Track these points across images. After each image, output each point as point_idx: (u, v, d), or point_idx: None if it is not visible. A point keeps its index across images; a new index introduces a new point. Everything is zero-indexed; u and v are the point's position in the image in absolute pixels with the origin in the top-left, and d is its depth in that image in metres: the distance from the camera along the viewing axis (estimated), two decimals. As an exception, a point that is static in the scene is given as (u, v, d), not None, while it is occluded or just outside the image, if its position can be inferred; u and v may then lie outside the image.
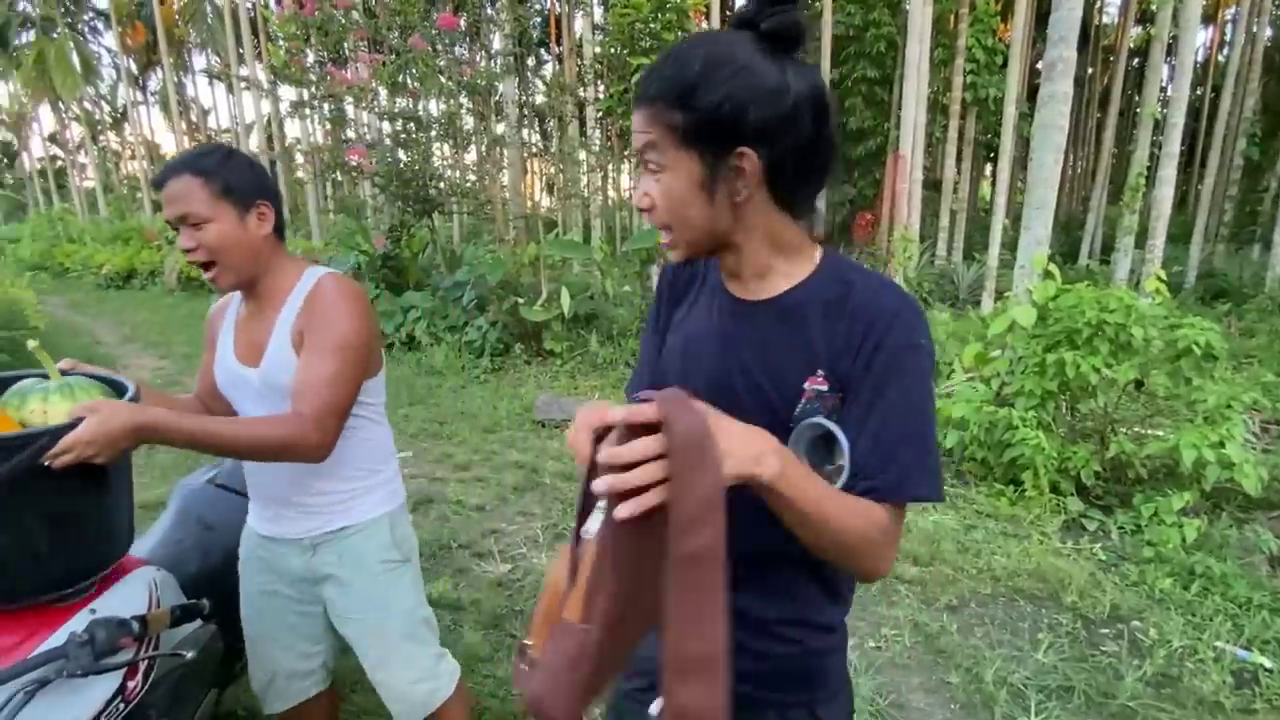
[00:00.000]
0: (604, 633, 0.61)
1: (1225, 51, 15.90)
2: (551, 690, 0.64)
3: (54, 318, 8.24)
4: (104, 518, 1.16)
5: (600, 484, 0.57)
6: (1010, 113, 8.87)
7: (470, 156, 7.82)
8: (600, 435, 0.62)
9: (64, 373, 1.16)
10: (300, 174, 14.79)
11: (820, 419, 0.75)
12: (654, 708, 0.65)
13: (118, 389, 1.19)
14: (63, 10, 20.49)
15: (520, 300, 6.49)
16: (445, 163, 7.41)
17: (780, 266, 0.80)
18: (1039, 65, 18.72)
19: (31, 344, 1.21)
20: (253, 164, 1.25)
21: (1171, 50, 12.30)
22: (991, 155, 19.54)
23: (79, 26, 22.04)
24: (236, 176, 1.21)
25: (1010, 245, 11.32)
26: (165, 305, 11.31)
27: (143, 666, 1.19)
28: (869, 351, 0.73)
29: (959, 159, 12.17)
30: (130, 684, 1.17)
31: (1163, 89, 7.23)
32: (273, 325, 1.25)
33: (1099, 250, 13.74)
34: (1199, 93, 17.05)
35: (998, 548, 3.02)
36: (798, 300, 0.79)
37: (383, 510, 1.39)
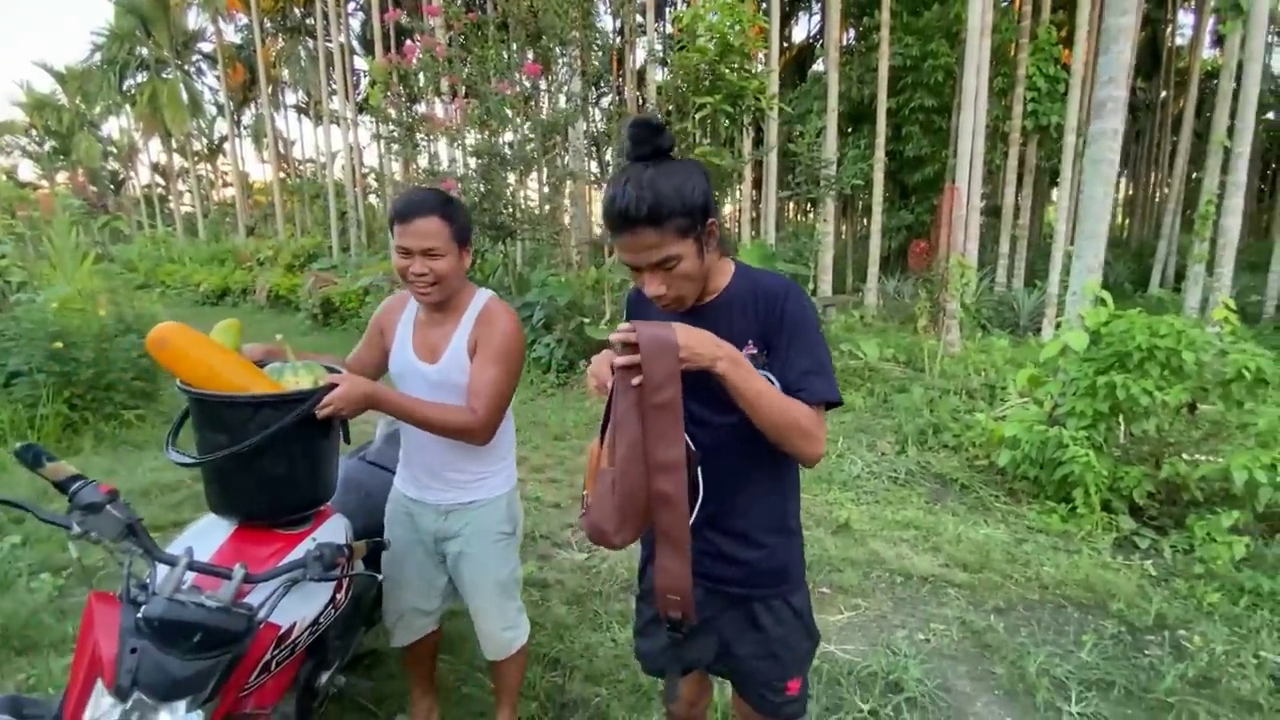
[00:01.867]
0: (622, 469, 1.02)
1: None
2: (599, 515, 1.05)
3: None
4: (329, 461, 1.57)
5: (620, 359, 0.98)
6: (1070, 141, 8.87)
7: (537, 185, 8.38)
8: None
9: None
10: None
11: (760, 370, 1.16)
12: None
13: (331, 370, 1.60)
14: (174, 53, 22.67)
15: (585, 320, 6.90)
16: (517, 192, 7.98)
17: (715, 280, 1.19)
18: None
19: (278, 337, 1.63)
20: (466, 212, 1.63)
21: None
22: (1056, 182, 19.17)
23: (187, 68, 24.30)
24: (463, 222, 1.58)
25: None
26: (257, 320, 12.31)
27: (345, 584, 1.57)
28: (778, 318, 1.13)
29: (1019, 186, 12.09)
30: (338, 595, 1.55)
31: (1233, 116, 7.12)
32: (451, 333, 1.62)
33: (1172, 278, 13.30)
34: (1270, 116, 16.31)
35: (1047, 559, 3.16)
36: (727, 298, 1.19)
37: (504, 490, 1.74)
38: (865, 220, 20.49)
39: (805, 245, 7.73)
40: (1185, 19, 20.26)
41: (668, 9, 18.86)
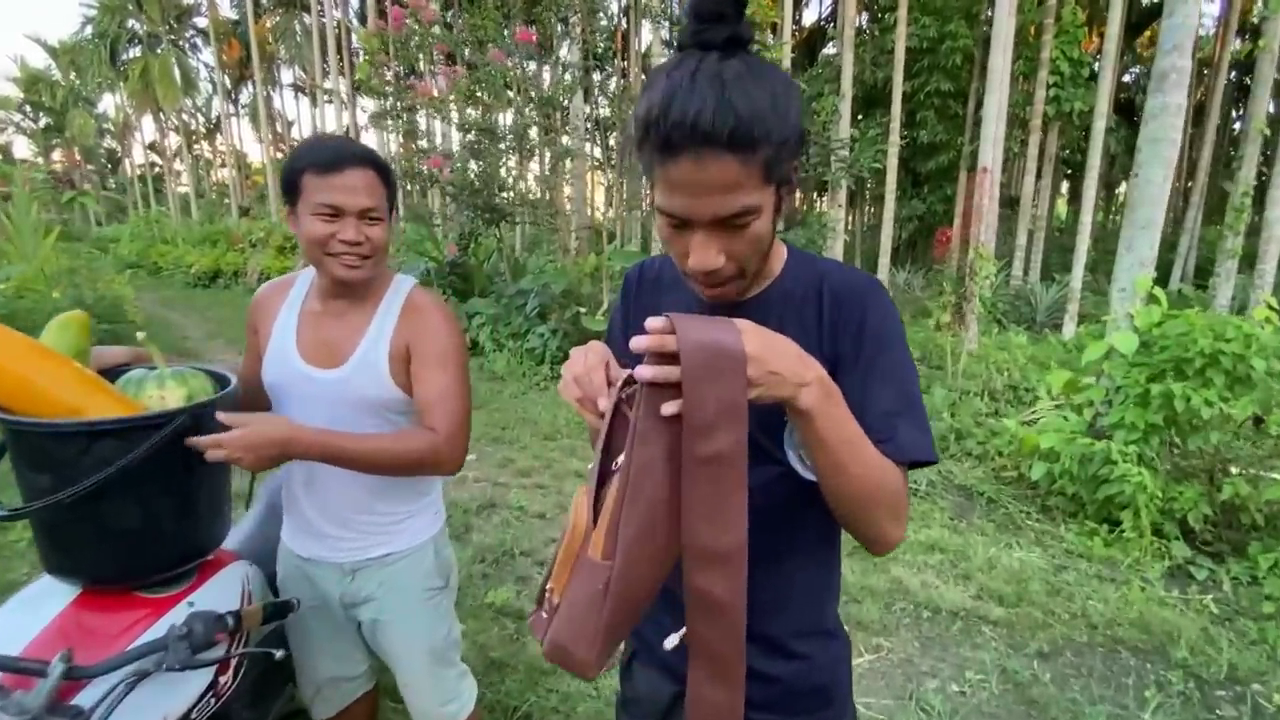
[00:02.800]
0: (628, 568, 0.59)
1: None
2: (574, 634, 0.62)
3: (147, 313, 8.78)
4: (213, 501, 1.19)
5: (648, 372, 0.56)
6: (1099, 127, 8.41)
7: (537, 168, 7.96)
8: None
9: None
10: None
11: None
12: (670, 640, 0.66)
13: (220, 381, 1.22)
14: (167, 28, 22.11)
15: (582, 309, 6.51)
16: (513, 173, 7.56)
17: (764, 266, 0.78)
18: (1125, 79, 17.79)
19: (140, 336, 1.25)
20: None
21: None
22: (1070, 172, 18.65)
23: (181, 43, 23.73)
24: (393, 182, 1.22)
25: (1092, 267, 10.72)
26: (246, 303, 11.93)
27: (234, 663, 1.20)
28: (855, 329, 0.75)
29: (1038, 175, 11.63)
30: (222, 679, 1.18)
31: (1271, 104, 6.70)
32: (360, 330, 1.22)
33: (1192, 274, 12.86)
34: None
35: (1093, 592, 2.79)
36: (780, 293, 0.80)
37: (427, 535, 1.34)
38: (874, 209, 20.00)
39: (816, 233, 7.32)
40: (1207, 8, 19.65)
41: (675, -12, 18.29)
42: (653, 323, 0.57)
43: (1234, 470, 3.16)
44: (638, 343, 0.57)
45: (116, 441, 1.00)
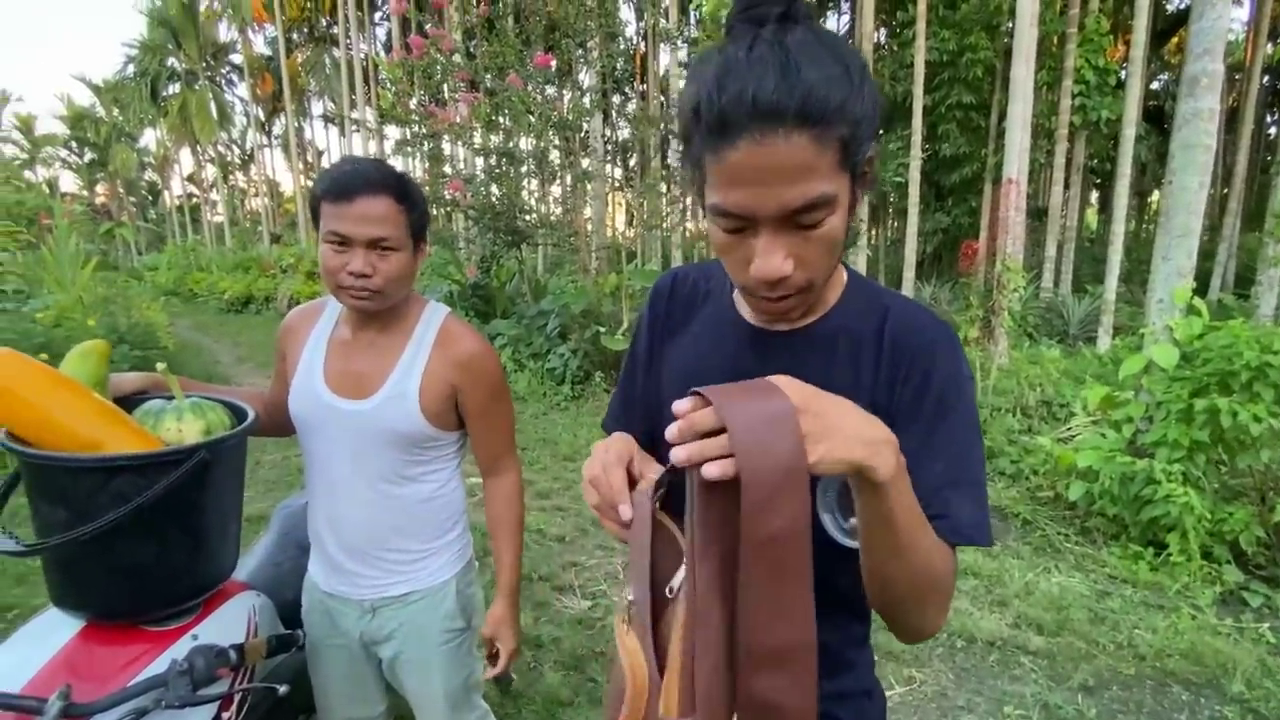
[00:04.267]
0: (709, 706, 0.48)
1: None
2: None
3: (181, 338, 9.02)
4: (224, 533, 1.18)
5: (711, 468, 0.45)
6: (1129, 135, 8.22)
7: (557, 190, 8.04)
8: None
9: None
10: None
11: None
12: None
13: (237, 413, 1.20)
14: (204, 65, 23.04)
15: (602, 329, 6.51)
16: (534, 196, 7.64)
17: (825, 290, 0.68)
18: (1153, 86, 17.46)
19: (159, 366, 1.24)
20: (424, 197, 1.21)
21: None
22: (1099, 181, 18.26)
23: (217, 79, 24.70)
24: (422, 207, 1.17)
25: (1124, 278, 10.42)
26: (276, 328, 12.22)
27: (237, 699, 1.17)
28: (916, 384, 0.65)
29: (1066, 185, 11.39)
30: (224, 716, 1.15)
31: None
32: (392, 360, 1.19)
33: (1232, 283, 12.43)
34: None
35: (1139, 620, 2.64)
36: (832, 327, 0.69)
37: (450, 573, 1.30)
38: (897, 223, 19.79)
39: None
40: (1237, 12, 19.28)
41: (691, 10, 18.52)
42: (679, 406, 0.48)
43: (1287, 489, 2.99)
44: (670, 433, 0.48)
45: (134, 477, 0.99)
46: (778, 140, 0.51)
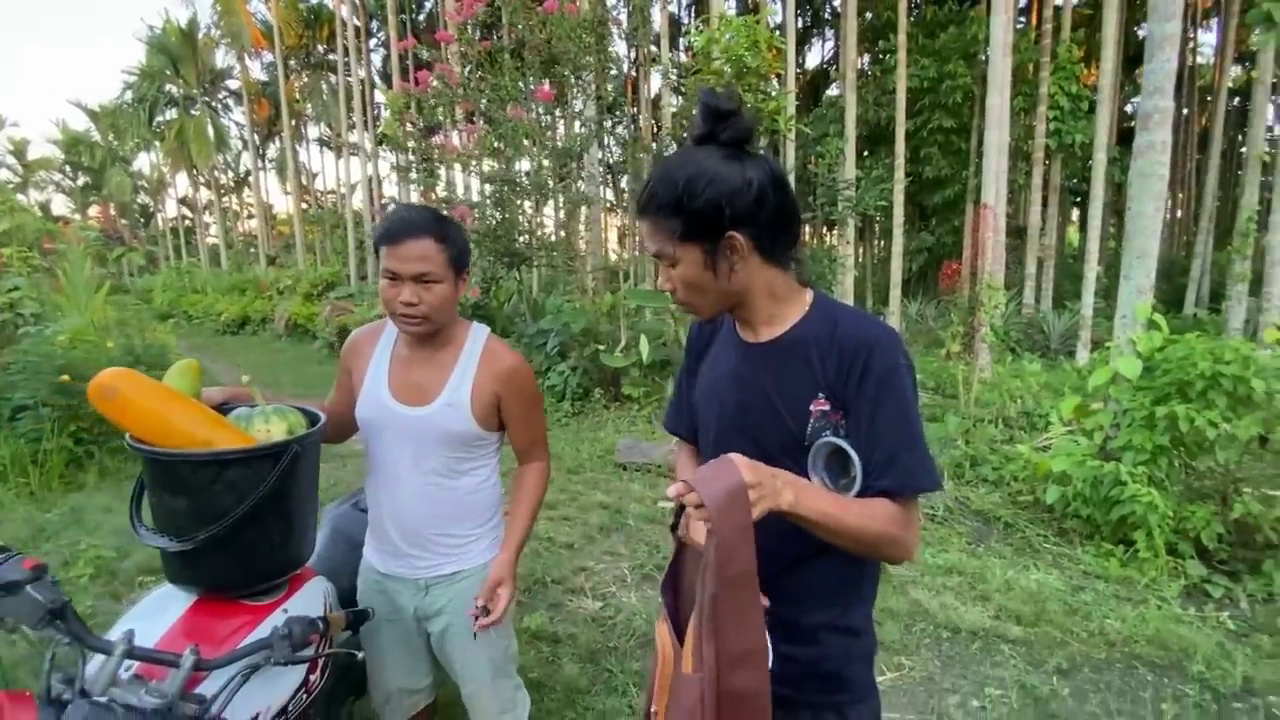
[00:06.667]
0: (714, 675, 0.76)
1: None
2: None
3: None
4: (307, 518, 1.38)
5: (699, 517, 0.76)
6: (1100, 159, 8.62)
7: (553, 212, 8.30)
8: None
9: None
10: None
11: (832, 437, 0.91)
12: None
13: (310, 417, 1.41)
14: (201, 90, 23.33)
15: (600, 347, 6.72)
16: (532, 219, 7.89)
17: (780, 312, 0.97)
18: (1127, 109, 18.08)
19: (244, 378, 1.45)
20: (464, 234, 1.43)
21: (1277, 90, 11.65)
22: (1078, 200, 18.82)
23: (214, 104, 24.98)
24: (461, 245, 1.39)
25: (1104, 293, 10.79)
26: (274, 349, 12.34)
27: (321, 663, 1.36)
28: (859, 375, 0.89)
29: (1044, 205, 11.81)
30: (312, 677, 1.34)
31: (1269, 129, 6.87)
32: (447, 373, 1.41)
33: (1206, 298, 12.85)
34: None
35: (1110, 611, 2.86)
36: (795, 338, 0.96)
37: (491, 555, 1.49)
38: (883, 243, 20.24)
39: (826, 268, 7.53)
40: (1205, 37, 20.06)
41: (681, 39, 19.04)
42: (673, 490, 0.78)
43: (1246, 489, 3.23)
44: (671, 499, 0.79)
45: (242, 468, 1.19)
46: (642, 219, 0.94)
